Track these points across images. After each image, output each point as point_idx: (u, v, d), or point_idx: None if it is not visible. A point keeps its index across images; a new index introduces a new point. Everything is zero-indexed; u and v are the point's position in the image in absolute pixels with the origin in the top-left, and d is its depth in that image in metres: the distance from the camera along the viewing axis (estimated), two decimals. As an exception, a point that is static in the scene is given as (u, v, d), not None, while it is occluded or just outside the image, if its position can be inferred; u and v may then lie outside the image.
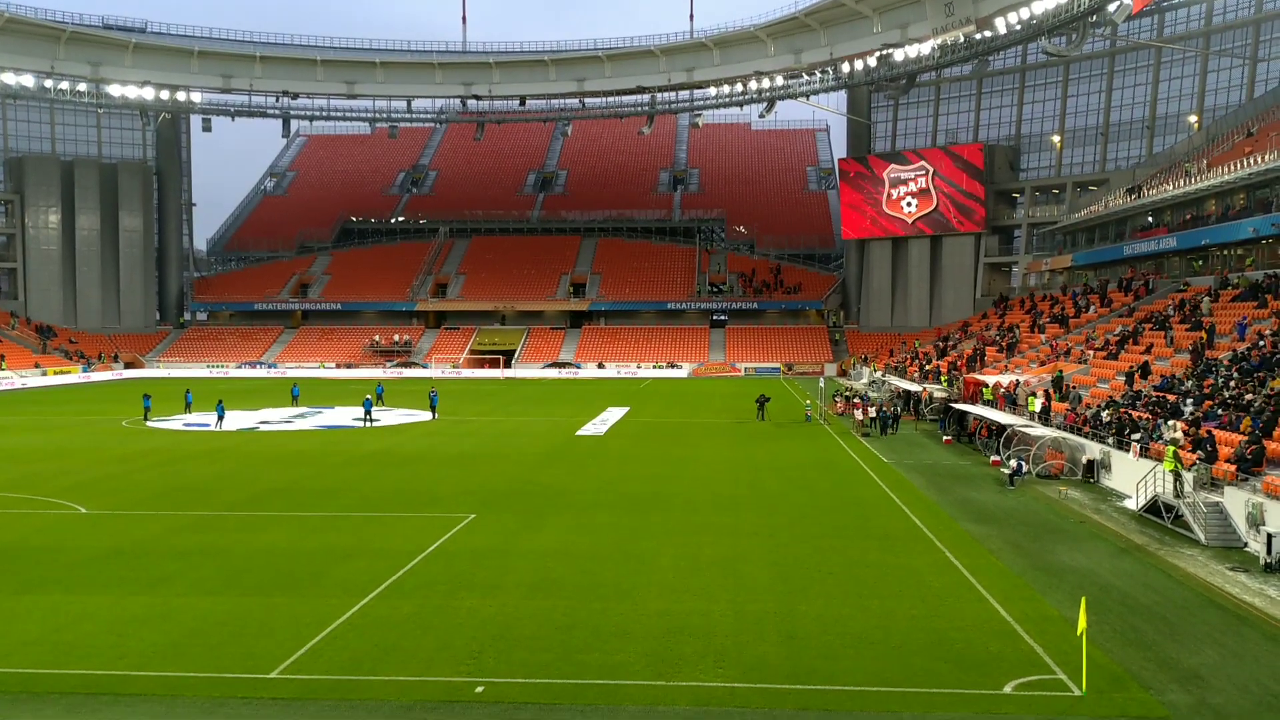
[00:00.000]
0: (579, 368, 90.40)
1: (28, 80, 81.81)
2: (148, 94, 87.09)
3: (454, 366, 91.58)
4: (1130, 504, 27.63)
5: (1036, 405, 38.37)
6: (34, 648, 16.07)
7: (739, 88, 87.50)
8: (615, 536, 23.88)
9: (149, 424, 48.68)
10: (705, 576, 20.20)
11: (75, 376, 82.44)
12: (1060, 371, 43.69)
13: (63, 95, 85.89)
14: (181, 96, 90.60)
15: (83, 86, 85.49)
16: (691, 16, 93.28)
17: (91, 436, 44.07)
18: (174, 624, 17.16)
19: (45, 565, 21.18)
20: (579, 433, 45.62)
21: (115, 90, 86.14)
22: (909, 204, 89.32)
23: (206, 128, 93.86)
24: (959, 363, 58.00)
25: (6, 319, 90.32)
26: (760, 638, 16.46)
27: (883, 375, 69.06)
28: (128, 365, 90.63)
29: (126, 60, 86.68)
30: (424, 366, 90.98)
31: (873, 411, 46.04)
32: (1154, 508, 25.87)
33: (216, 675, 14.92)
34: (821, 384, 59.31)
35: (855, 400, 50.00)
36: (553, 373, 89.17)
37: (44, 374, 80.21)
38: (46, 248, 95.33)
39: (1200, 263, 53.56)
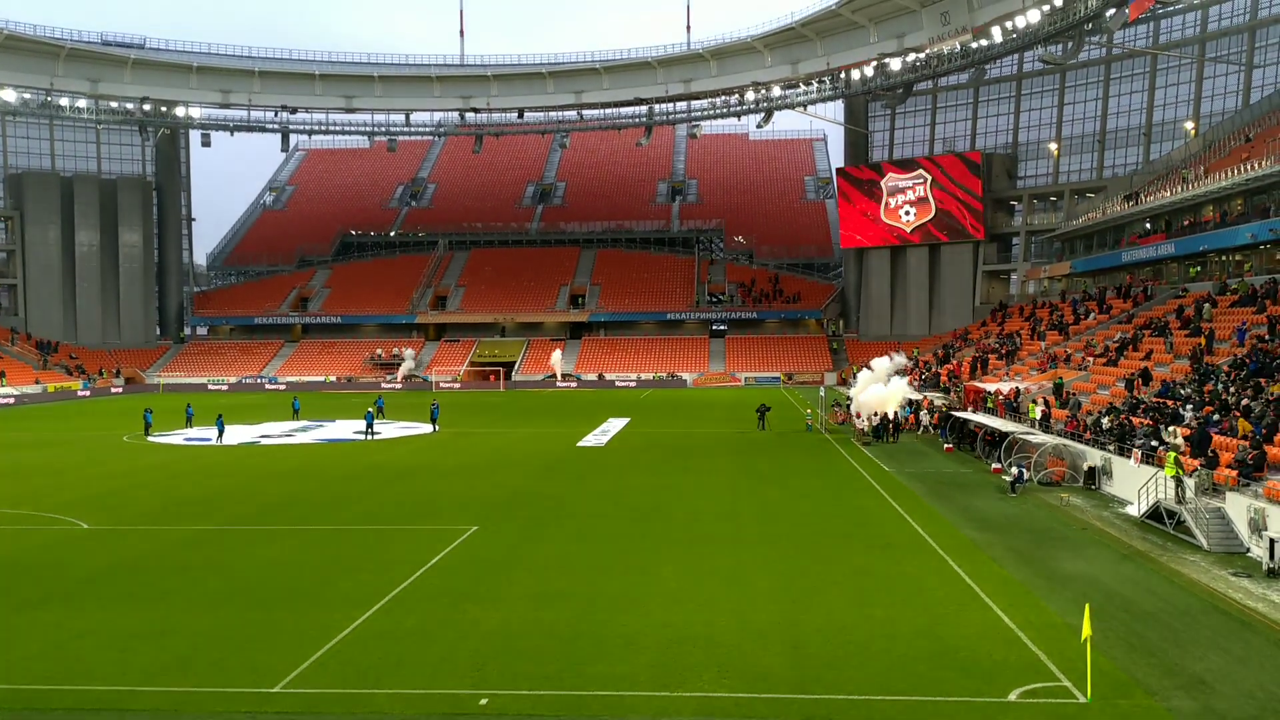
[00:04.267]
0: (579, 379, 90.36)
1: (27, 97, 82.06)
2: (147, 109, 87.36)
3: (455, 379, 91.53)
4: (1132, 510, 27.61)
5: (1037, 412, 38.39)
6: (36, 664, 16.04)
7: (736, 98, 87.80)
8: (618, 547, 23.86)
9: (150, 439, 48.68)
10: (708, 587, 20.18)
11: (76, 392, 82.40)
12: (1060, 378, 43.71)
13: (62, 112, 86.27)
14: (180, 112, 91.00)
15: (82, 103, 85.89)
16: (689, 28, 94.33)
17: (92, 452, 44.06)
18: (177, 639, 17.14)
19: (47, 581, 21.16)
20: (580, 444, 45.61)
21: (114, 106, 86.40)
22: (907, 212, 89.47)
23: (206, 143, 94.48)
24: (957, 370, 58.01)
25: (7, 335, 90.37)
26: (764, 648, 16.43)
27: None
28: (128, 380, 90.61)
29: (125, 76, 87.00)
30: (424, 379, 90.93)
31: (876, 420, 46.05)
32: (1156, 514, 25.85)
33: (220, 690, 14.89)
34: (822, 393, 59.32)
35: (857, 411, 49.87)
36: (565, 375, 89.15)
37: (44, 389, 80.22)
38: (46, 263, 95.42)
39: (1198, 269, 53.63)
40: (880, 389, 49.61)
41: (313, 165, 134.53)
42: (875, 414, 46.71)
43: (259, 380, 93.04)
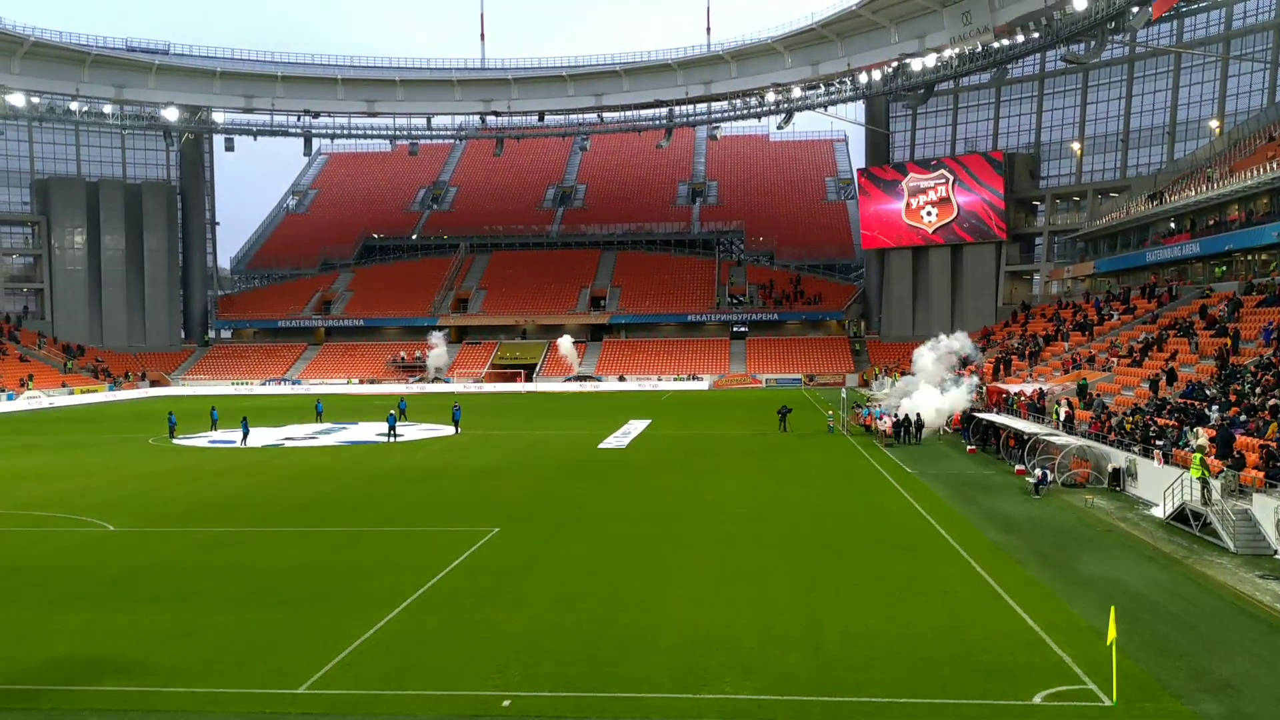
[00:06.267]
0: (600, 380, 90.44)
1: (54, 103, 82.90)
2: (171, 114, 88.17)
3: (475, 381, 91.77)
4: (1157, 512, 27.37)
5: (1060, 414, 38.15)
6: (64, 665, 16.18)
7: (756, 100, 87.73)
8: (639, 549, 23.86)
9: (175, 441, 49.03)
10: (730, 588, 20.15)
11: (102, 395, 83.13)
12: (1084, 379, 43.41)
13: (87, 117, 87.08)
14: (204, 117, 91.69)
15: (107, 108, 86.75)
16: (709, 30, 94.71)
17: (118, 454, 44.41)
18: (202, 640, 17.26)
19: (74, 582, 21.35)
20: (601, 445, 45.63)
21: (139, 111, 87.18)
22: (929, 213, 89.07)
23: (229, 147, 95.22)
24: (978, 372, 57.66)
25: (34, 339, 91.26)
26: (786, 650, 16.39)
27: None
28: (153, 384, 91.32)
29: (150, 82, 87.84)
30: (446, 381, 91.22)
31: (895, 420, 45.68)
32: (1182, 516, 25.63)
33: (245, 690, 14.98)
34: (843, 394, 59.09)
35: (884, 414, 49.16)
36: (574, 385, 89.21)
37: (71, 393, 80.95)
38: (72, 268, 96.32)
39: (1224, 268, 53.17)
40: (939, 399, 47.38)
41: (335, 169, 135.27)
42: (897, 414, 46.42)
43: (283, 383, 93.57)
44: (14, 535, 26.63)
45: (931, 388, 49.12)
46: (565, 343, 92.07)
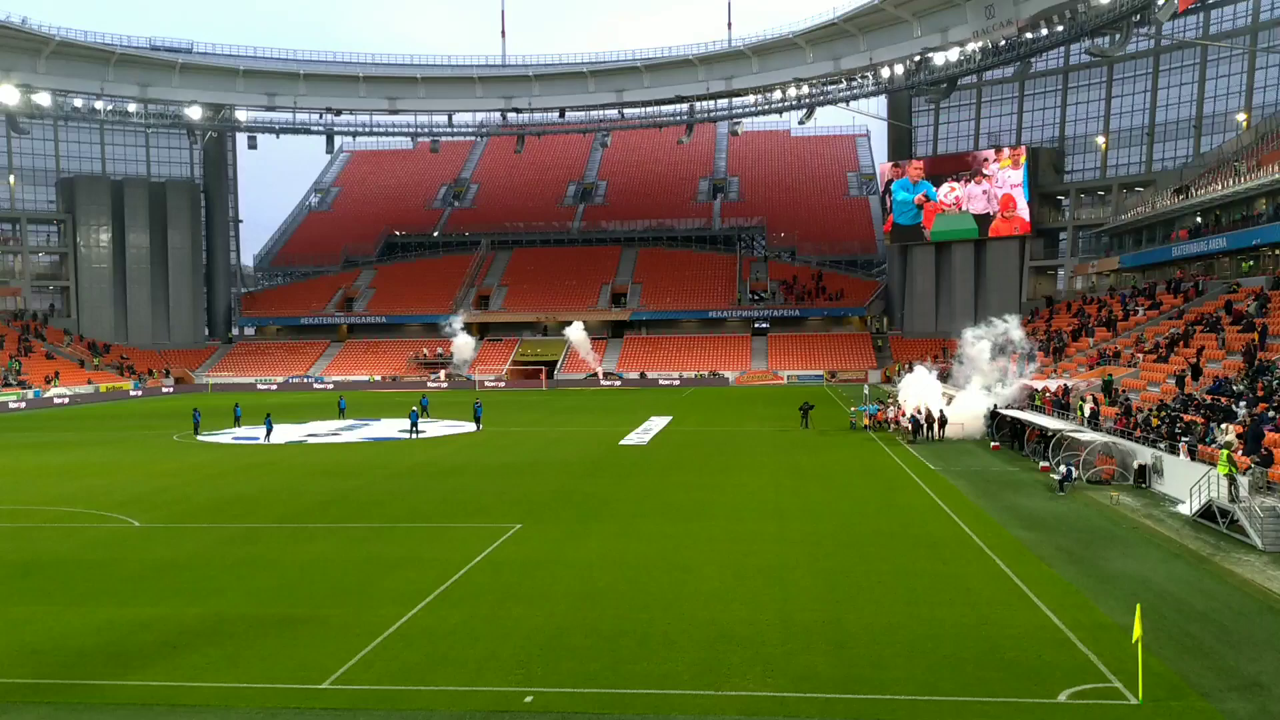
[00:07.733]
0: (621, 377, 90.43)
1: (78, 102, 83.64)
2: (194, 113, 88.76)
3: (499, 378, 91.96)
4: (1184, 509, 27.13)
5: (1085, 410, 37.87)
6: (90, 659, 16.33)
7: (778, 95, 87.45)
8: (660, 545, 23.84)
9: (199, 438, 49.38)
10: (751, 585, 20.11)
11: (127, 392, 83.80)
12: (1109, 375, 43.07)
13: (112, 116, 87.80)
14: (227, 115, 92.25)
15: (132, 107, 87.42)
16: (730, 25, 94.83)
17: (143, 451, 44.78)
18: (227, 635, 17.38)
19: (100, 578, 21.54)
20: (622, 442, 45.64)
21: (163, 110, 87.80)
22: (951, 208, 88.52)
23: (252, 145, 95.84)
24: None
25: (60, 336, 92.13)
26: (809, 647, 16.34)
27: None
28: (178, 380, 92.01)
29: (174, 80, 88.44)
30: (469, 379, 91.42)
31: (918, 416, 45.43)
32: (1208, 513, 25.38)
33: (269, 686, 15.07)
34: (866, 391, 58.92)
35: (900, 409, 49.08)
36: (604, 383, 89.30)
37: (96, 390, 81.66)
38: (98, 266, 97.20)
39: (1251, 263, 52.63)
40: (986, 400, 45.23)
41: (357, 167, 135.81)
42: (919, 410, 46.18)
43: (306, 380, 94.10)
44: (41, 530, 26.93)
45: (980, 389, 46.99)
46: (576, 330, 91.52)
